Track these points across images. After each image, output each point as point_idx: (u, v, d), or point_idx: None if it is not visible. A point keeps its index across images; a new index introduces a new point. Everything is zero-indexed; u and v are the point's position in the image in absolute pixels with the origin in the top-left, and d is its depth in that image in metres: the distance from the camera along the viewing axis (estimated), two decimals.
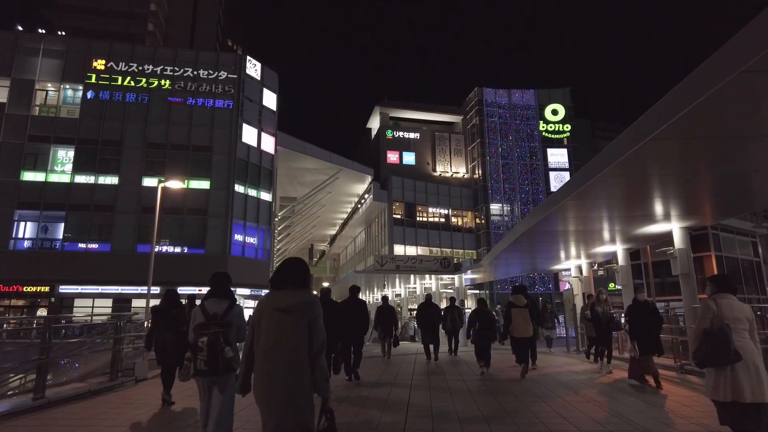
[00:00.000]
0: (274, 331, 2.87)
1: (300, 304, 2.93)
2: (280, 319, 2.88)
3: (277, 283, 3.04)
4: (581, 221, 8.65)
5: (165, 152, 30.22)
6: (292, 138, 35.23)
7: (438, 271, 16.44)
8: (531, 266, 16.40)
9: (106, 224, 28.80)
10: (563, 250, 12.19)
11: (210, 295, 4.26)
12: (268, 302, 3.00)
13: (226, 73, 32.03)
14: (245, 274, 29.79)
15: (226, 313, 4.12)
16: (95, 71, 30.32)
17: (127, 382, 7.68)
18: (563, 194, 7.64)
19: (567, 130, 48.52)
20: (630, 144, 5.35)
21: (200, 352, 3.90)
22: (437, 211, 45.36)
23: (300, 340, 2.86)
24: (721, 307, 4.01)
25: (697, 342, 4.02)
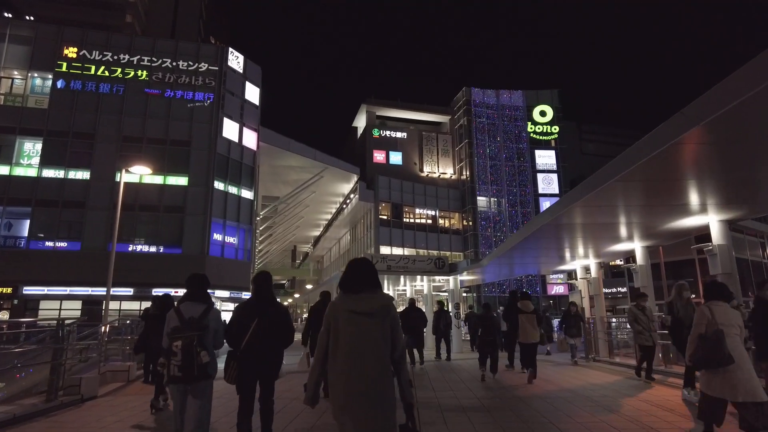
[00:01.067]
0: (359, 336, 2.75)
1: (383, 307, 2.83)
2: (363, 323, 2.76)
3: (352, 285, 2.90)
4: (602, 213, 7.68)
5: (141, 146, 28.66)
6: (275, 134, 33.93)
7: (432, 272, 15.42)
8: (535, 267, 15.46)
9: (76, 221, 27.12)
10: (573, 249, 11.26)
11: (186, 297, 4.09)
12: (344, 305, 2.84)
13: (206, 65, 30.62)
14: (224, 275, 28.38)
15: (202, 317, 3.94)
16: (66, 59, 28.64)
17: (69, 403, 6.41)
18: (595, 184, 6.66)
19: (555, 131, 48.09)
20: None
21: (174, 357, 3.73)
22: (424, 212, 44.41)
23: (385, 344, 2.77)
24: (715, 313, 4.31)
25: (694, 345, 4.37)
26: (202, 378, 3.84)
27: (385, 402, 2.67)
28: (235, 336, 4.18)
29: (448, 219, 45.63)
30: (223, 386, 4.78)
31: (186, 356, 3.73)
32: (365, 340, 2.73)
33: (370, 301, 2.82)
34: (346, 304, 2.83)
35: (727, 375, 4.09)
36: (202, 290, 4.23)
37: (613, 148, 58.26)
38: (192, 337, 3.78)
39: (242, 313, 4.28)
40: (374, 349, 2.72)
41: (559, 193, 46.43)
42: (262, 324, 4.14)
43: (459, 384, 8.72)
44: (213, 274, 27.63)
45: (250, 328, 4.10)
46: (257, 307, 4.26)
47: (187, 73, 30.22)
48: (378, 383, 2.67)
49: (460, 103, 47.83)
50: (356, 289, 2.87)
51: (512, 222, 45.12)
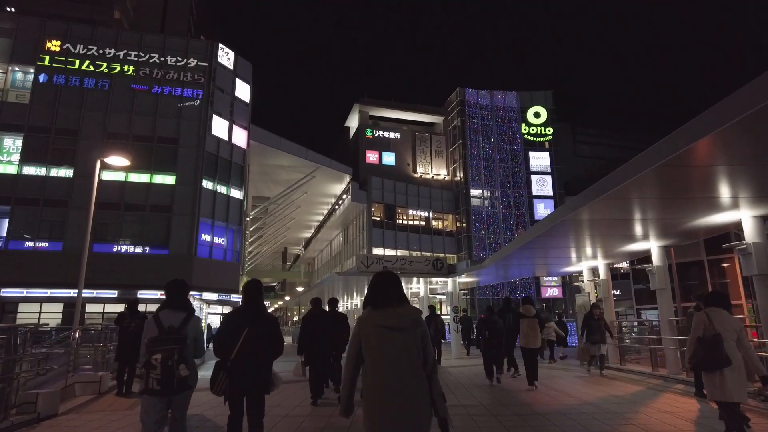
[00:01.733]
0: (393, 351, 2.74)
1: (414, 321, 2.83)
2: (395, 338, 2.76)
3: (381, 300, 2.89)
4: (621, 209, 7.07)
5: (127, 144, 27.69)
6: (266, 132, 33.14)
7: (430, 273, 14.73)
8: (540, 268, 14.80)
9: (58, 221, 26.12)
10: (580, 250, 10.65)
11: (165, 305, 3.95)
12: (374, 320, 2.83)
13: (196, 61, 29.79)
14: (213, 277, 27.53)
15: (182, 326, 3.81)
16: (49, 53, 27.67)
17: (21, 424, 5.51)
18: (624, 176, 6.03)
19: (549, 133, 47.75)
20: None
21: (153, 370, 3.59)
22: (418, 214, 43.78)
23: (419, 359, 2.76)
24: (712, 319, 4.58)
25: (692, 349, 4.65)
26: (182, 390, 3.72)
27: (422, 417, 2.67)
28: (224, 346, 4.00)
29: (442, 221, 45.05)
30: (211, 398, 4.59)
31: (165, 370, 3.60)
32: (400, 355, 2.72)
33: (400, 316, 2.81)
34: (377, 320, 2.81)
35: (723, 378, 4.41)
36: (183, 297, 4.07)
37: (608, 151, 58.17)
38: (172, 351, 3.65)
39: (231, 322, 4.12)
40: (409, 364, 2.71)
41: (552, 195, 46.08)
42: (253, 334, 3.99)
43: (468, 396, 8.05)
44: (201, 275, 26.80)
45: (240, 338, 3.94)
46: (247, 317, 4.10)
47: (176, 69, 29.37)
48: (416, 398, 2.66)
49: (454, 103, 47.33)
50: (384, 303, 2.85)
51: (506, 224, 44.66)
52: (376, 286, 2.95)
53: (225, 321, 4.19)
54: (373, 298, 2.91)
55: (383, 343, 2.74)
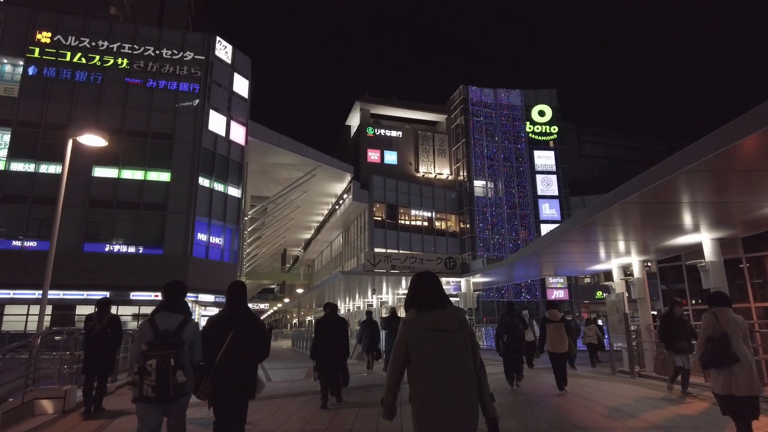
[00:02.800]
0: (444, 354, 2.65)
1: (461, 322, 2.77)
2: (445, 340, 2.69)
3: (426, 301, 2.79)
4: (671, 193, 6.02)
5: (120, 139, 26.65)
6: (265, 129, 32.09)
7: (442, 272, 13.67)
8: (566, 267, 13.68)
9: (48, 219, 24.95)
10: (611, 246, 9.61)
11: (162, 307, 3.82)
12: (422, 323, 2.74)
13: (192, 54, 28.77)
14: (209, 278, 26.43)
15: (179, 330, 3.68)
16: (39, 45, 26.63)
17: None
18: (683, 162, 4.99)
19: (554, 131, 46.77)
20: None
21: (148, 376, 3.44)
22: (420, 214, 42.71)
23: (470, 361, 2.69)
24: (719, 319, 4.82)
25: (702, 348, 4.86)
26: (179, 397, 3.57)
27: (473, 418, 2.63)
28: (208, 350, 3.88)
29: (445, 221, 44.00)
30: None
31: (161, 376, 3.45)
32: (450, 356, 2.66)
33: (448, 317, 2.76)
34: (423, 322, 2.75)
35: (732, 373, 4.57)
36: (180, 299, 3.97)
37: (613, 151, 57.19)
38: (168, 356, 3.50)
39: (215, 325, 3.99)
40: (460, 365, 2.66)
41: (558, 195, 45.08)
42: (237, 338, 3.85)
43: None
44: (197, 276, 25.71)
45: (225, 342, 3.79)
46: (232, 320, 3.95)
47: (171, 62, 28.34)
48: (468, 399, 2.62)
49: (457, 101, 46.34)
50: (430, 305, 2.79)
51: (510, 224, 43.63)
52: (419, 287, 2.87)
53: (209, 324, 4.03)
54: (418, 299, 2.83)
55: (433, 346, 2.69)
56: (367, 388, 9.01)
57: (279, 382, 10.35)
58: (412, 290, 2.89)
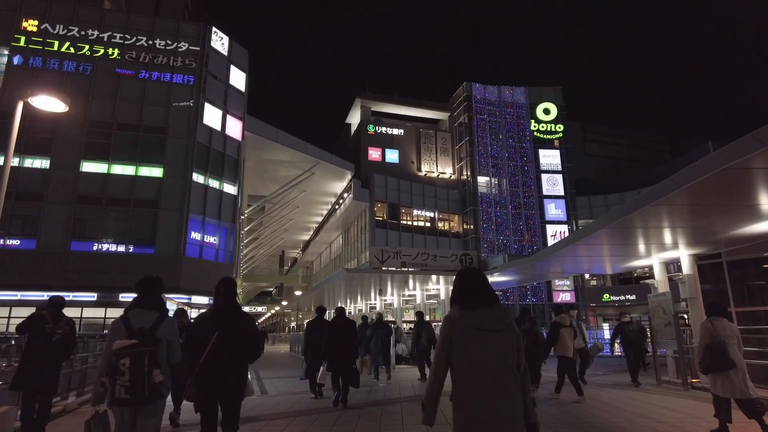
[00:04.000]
0: (491, 355, 2.56)
1: (509, 324, 2.66)
2: (492, 341, 2.59)
3: (472, 299, 2.69)
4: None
5: (110, 133, 25.42)
6: (262, 123, 30.83)
7: (456, 270, 12.42)
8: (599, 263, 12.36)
9: (32, 216, 23.70)
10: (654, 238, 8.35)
11: (135, 304, 3.61)
12: (467, 322, 2.64)
13: (187, 45, 27.53)
14: (203, 279, 25.07)
15: (154, 328, 3.46)
16: (25, 33, 25.36)
17: None
18: None
19: (559, 130, 45.57)
20: None
21: (121, 376, 3.21)
22: (422, 214, 41.43)
23: (515, 363, 2.60)
24: (716, 327, 5.23)
25: (701, 355, 5.22)
26: (154, 399, 3.30)
27: (519, 423, 2.53)
28: (194, 350, 3.68)
29: (448, 221, 42.72)
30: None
31: (135, 376, 3.19)
32: (497, 359, 2.57)
33: (496, 317, 2.64)
34: (469, 321, 2.64)
35: (728, 378, 5.06)
36: (155, 295, 3.72)
37: (618, 150, 56.07)
38: (142, 353, 3.25)
39: (202, 324, 3.80)
40: (507, 368, 2.56)
41: (564, 195, 43.85)
42: (225, 337, 3.66)
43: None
44: (190, 277, 24.40)
45: (211, 342, 3.63)
46: (219, 318, 3.77)
47: (165, 53, 27.08)
48: (513, 403, 2.52)
49: (460, 99, 45.13)
50: (477, 303, 2.67)
51: (515, 225, 42.36)
52: (465, 284, 2.77)
53: (196, 323, 3.87)
54: (463, 296, 2.72)
55: (480, 347, 2.58)
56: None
57: (275, 396, 9.01)
58: (459, 287, 2.79)
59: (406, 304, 23.95)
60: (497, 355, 2.56)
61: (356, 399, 8.23)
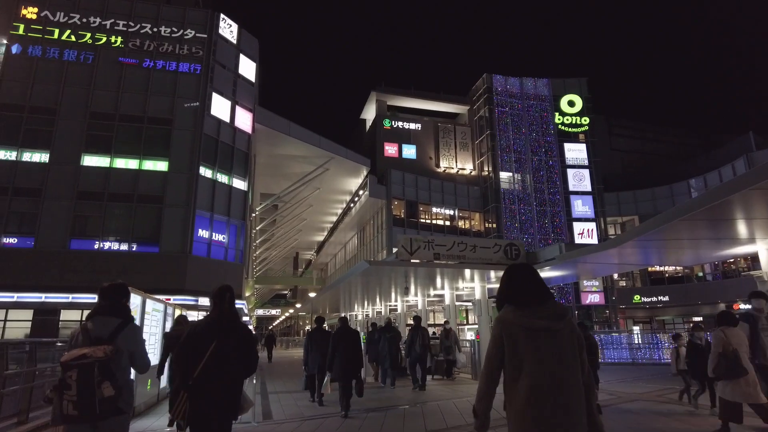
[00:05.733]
0: (550, 359, 2.31)
1: (568, 322, 2.40)
2: (549, 343, 2.34)
3: (526, 296, 2.47)
4: None
5: (113, 124, 24.02)
6: (273, 115, 29.21)
7: (501, 263, 10.51)
8: (689, 252, 10.24)
9: (30, 212, 22.33)
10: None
11: (96, 311, 3.30)
12: (522, 321, 2.40)
13: (193, 32, 26.06)
14: (211, 279, 23.36)
15: (113, 336, 3.16)
16: (24, 21, 24.12)
17: None
18: None
19: (585, 123, 43.27)
20: None
21: (68, 390, 2.89)
22: (441, 212, 39.44)
23: (579, 366, 2.36)
24: (729, 336, 5.48)
25: (715, 362, 5.46)
26: (110, 415, 2.96)
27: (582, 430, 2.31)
28: (187, 361, 3.40)
29: (469, 219, 40.68)
30: None
31: (83, 389, 2.88)
32: (556, 360, 2.32)
33: (553, 316, 2.40)
34: (525, 320, 2.40)
35: (739, 384, 5.30)
36: (118, 302, 3.38)
37: (647, 144, 53.44)
38: (90, 365, 2.93)
39: (197, 333, 3.49)
40: (567, 371, 2.32)
41: (591, 191, 41.51)
42: (221, 348, 3.38)
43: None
44: (197, 277, 22.80)
45: (207, 353, 3.34)
46: (216, 328, 3.48)
47: (171, 41, 25.64)
48: (576, 409, 2.28)
49: (480, 91, 43.09)
50: (531, 300, 2.46)
51: (540, 223, 40.13)
52: (516, 280, 2.55)
53: (190, 332, 3.56)
54: (516, 293, 2.51)
55: (537, 348, 2.34)
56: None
57: (282, 422, 7.08)
58: (508, 283, 2.56)
59: (431, 306, 21.98)
60: (556, 358, 2.31)
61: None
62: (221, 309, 3.58)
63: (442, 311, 19.28)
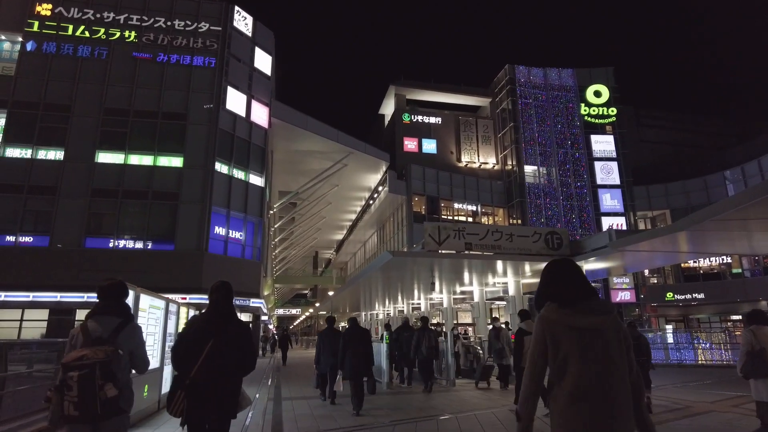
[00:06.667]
0: (598, 358, 2.19)
1: (615, 322, 2.25)
2: (596, 343, 2.20)
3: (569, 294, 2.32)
4: None
5: (127, 120, 23.56)
6: (290, 110, 28.50)
7: (542, 253, 9.39)
8: (760, 240, 9.06)
9: (45, 211, 21.98)
10: None
11: (96, 310, 3.26)
12: (566, 320, 2.26)
13: (208, 25, 25.48)
14: (227, 278, 22.44)
15: (113, 336, 3.12)
16: (39, 17, 23.83)
17: None
18: None
19: (612, 114, 41.54)
20: None
21: (69, 391, 2.86)
22: (464, 208, 38.24)
23: (626, 366, 2.22)
24: (757, 335, 5.36)
25: (743, 361, 5.42)
26: (112, 415, 2.93)
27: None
28: (184, 359, 3.33)
29: (492, 215, 39.37)
30: None
31: (84, 391, 2.84)
32: (604, 362, 2.18)
33: (596, 314, 2.25)
34: (567, 319, 2.26)
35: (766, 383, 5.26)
36: (118, 301, 3.32)
37: (677, 135, 51.26)
38: (92, 366, 2.88)
39: (194, 330, 3.42)
40: (616, 373, 2.18)
41: (620, 184, 39.79)
42: (219, 346, 3.30)
43: None
44: (213, 275, 22.08)
45: (204, 351, 3.26)
46: (213, 325, 3.40)
47: (185, 34, 25.10)
48: (626, 413, 2.16)
49: (503, 83, 41.74)
50: (574, 298, 2.30)
51: (567, 218, 38.62)
52: (557, 276, 2.40)
53: (186, 329, 3.57)
54: (559, 290, 2.35)
55: (582, 348, 2.21)
56: None
57: None
58: (549, 280, 2.42)
59: (457, 304, 20.92)
60: (602, 358, 2.18)
61: None
62: (216, 306, 3.49)
63: (471, 309, 18.13)
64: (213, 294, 3.56)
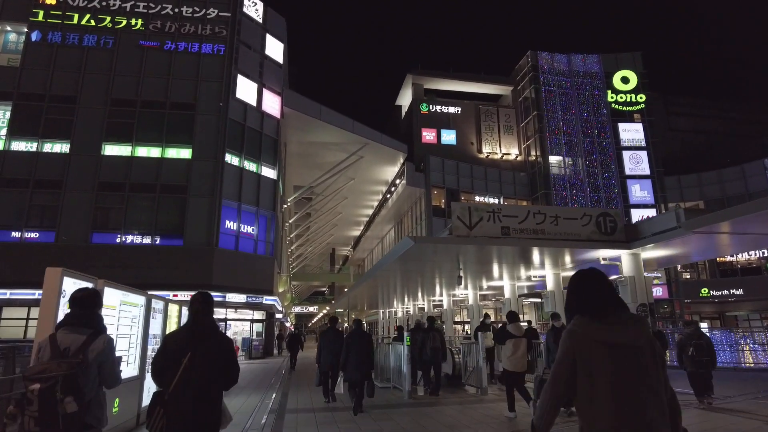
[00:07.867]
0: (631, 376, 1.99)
1: (649, 337, 2.07)
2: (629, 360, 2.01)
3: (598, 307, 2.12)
4: None
5: (134, 111, 22.70)
6: (303, 99, 27.35)
7: (592, 238, 8.01)
8: None
9: (51, 205, 21.22)
10: None
11: (66, 321, 3.10)
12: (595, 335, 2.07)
13: (216, 11, 24.46)
14: (239, 274, 21.81)
15: (80, 349, 2.96)
16: (44, 6, 23.11)
17: None
18: None
19: (641, 101, 39.46)
20: None
21: (29, 405, 2.72)
22: (486, 200, 36.68)
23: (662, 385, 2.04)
24: None
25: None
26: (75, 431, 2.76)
27: None
28: (163, 373, 3.19)
29: None
30: None
31: (45, 405, 2.69)
32: (638, 380, 2.00)
33: (632, 329, 2.06)
34: (599, 335, 2.07)
35: None
36: (89, 311, 3.16)
37: (708, 123, 48.78)
38: (54, 379, 2.74)
39: (172, 343, 3.30)
40: (650, 392, 2.00)
41: (650, 174, 37.76)
42: (198, 359, 3.17)
43: None
44: (224, 272, 21.14)
45: (182, 364, 3.14)
46: (193, 338, 3.28)
47: (193, 21, 24.13)
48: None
49: (525, 70, 39.99)
50: (602, 312, 2.11)
51: None
52: (585, 288, 2.21)
53: (165, 342, 3.41)
54: (586, 303, 2.16)
55: (615, 366, 2.01)
56: None
57: None
58: (577, 291, 2.23)
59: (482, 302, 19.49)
60: (636, 377, 2.01)
61: None
62: (195, 318, 3.35)
63: (503, 306, 16.66)
64: (192, 305, 3.39)
